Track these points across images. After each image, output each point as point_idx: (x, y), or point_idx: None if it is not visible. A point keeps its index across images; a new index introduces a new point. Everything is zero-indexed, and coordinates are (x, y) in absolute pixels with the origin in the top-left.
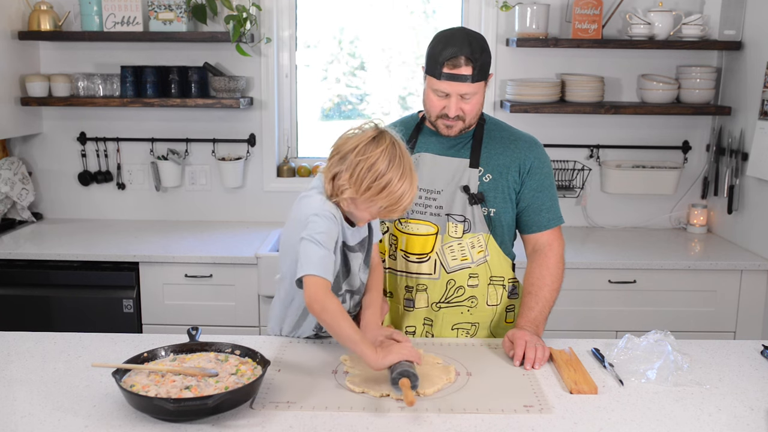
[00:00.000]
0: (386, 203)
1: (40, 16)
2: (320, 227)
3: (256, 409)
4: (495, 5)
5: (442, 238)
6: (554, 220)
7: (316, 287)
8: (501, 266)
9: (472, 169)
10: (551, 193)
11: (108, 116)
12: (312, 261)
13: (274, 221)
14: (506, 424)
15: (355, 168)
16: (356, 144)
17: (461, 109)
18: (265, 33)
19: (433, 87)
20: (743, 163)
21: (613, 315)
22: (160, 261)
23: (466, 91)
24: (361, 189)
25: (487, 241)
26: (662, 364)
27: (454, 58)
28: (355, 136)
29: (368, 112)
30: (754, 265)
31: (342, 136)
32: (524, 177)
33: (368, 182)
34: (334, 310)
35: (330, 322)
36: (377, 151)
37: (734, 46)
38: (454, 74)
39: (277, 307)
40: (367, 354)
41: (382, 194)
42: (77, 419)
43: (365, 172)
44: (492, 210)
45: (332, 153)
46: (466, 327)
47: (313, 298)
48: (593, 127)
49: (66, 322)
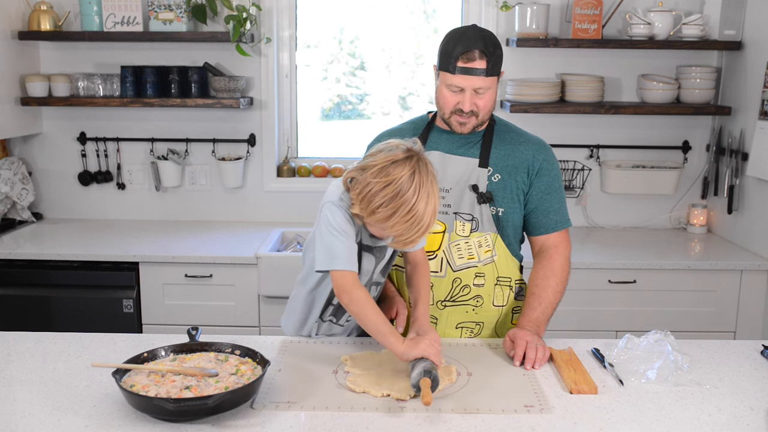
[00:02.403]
0: (392, 233)
1: (40, 16)
2: (339, 217)
3: (257, 409)
4: (495, 5)
5: (450, 236)
6: (562, 222)
7: (344, 279)
8: (508, 267)
9: (482, 169)
10: (559, 196)
11: (108, 116)
12: (336, 254)
13: (274, 221)
14: (506, 424)
15: (365, 187)
16: (377, 162)
17: (475, 104)
18: (265, 33)
19: (447, 82)
20: (743, 163)
21: (613, 315)
22: (160, 261)
23: (480, 85)
24: (370, 209)
25: (495, 240)
26: (662, 364)
27: (468, 52)
28: (383, 152)
29: (368, 112)
30: (754, 265)
31: (378, 146)
32: (533, 178)
33: (371, 208)
34: (362, 301)
35: (358, 312)
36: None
37: (734, 46)
38: (468, 68)
39: (300, 303)
40: (394, 344)
41: (388, 223)
42: (77, 419)
43: (375, 194)
44: (500, 209)
45: (363, 157)
46: (471, 326)
47: (341, 290)
48: (593, 127)
49: (66, 322)
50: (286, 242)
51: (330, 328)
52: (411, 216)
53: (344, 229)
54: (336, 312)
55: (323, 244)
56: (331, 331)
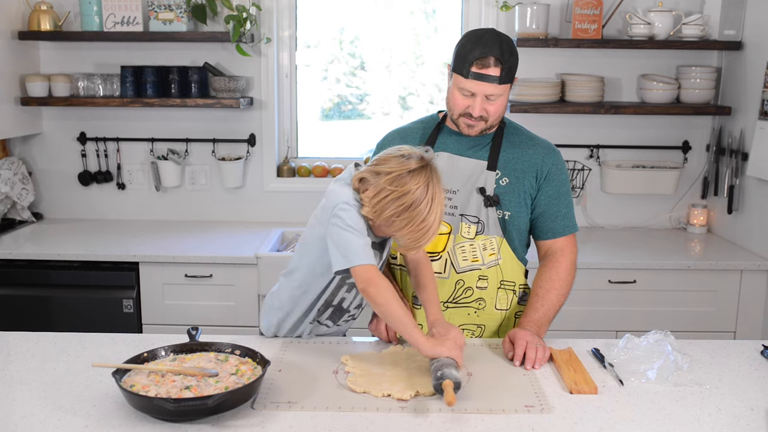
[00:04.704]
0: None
1: (40, 16)
2: (354, 216)
3: (257, 409)
4: (495, 5)
5: (455, 238)
6: (569, 227)
7: (368, 272)
8: (513, 271)
9: (490, 172)
10: (567, 201)
11: (108, 116)
12: (356, 251)
13: (274, 221)
14: (506, 424)
15: (378, 193)
16: (392, 169)
17: (485, 110)
18: (265, 33)
19: (460, 85)
20: (743, 163)
21: (613, 315)
22: (160, 261)
23: (492, 92)
24: (382, 216)
25: (500, 244)
26: (662, 364)
27: (483, 57)
28: (396, 159)
29: (368, 112)
30: (754, 265)
31: (390, 151)
32: (541, 183)
33: (384, 216)
34: (389, 293)
35: (384, 304)
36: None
37: (734, 46)
38: (481, 74)
39: (278, 304)
40: (419, 339)
41: (398, 232)
42: (77, 419)
43: (389, 203)
44: (507, 213)
45: (374, 160)
46: (472, 328)
47: (368, 283)
48: (593, 127)
49: (66, 322)
50: (286, 242)
51: (318, 329)
52: (422, 227)
53: (360, 227)
54: (334, 314)
55: (339, 244)
56: (320, 331)
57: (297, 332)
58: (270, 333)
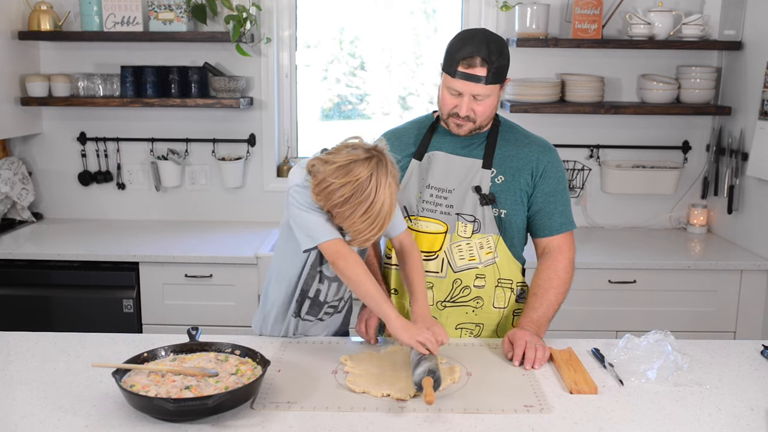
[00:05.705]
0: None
1: (40, 16)
2: (307, 196)
3: (256, 409)
4: (495, 5)
5: (451, 237)
6: (566, 225)
7: (335, 247)
8: (510, 269)
9: (485, 170)
10: (564, 198)
11: (108, 116)
12: (318, 229)
13: (274, 221)
14: (506, 424)
15: (323, 181)
16: (336, 160)
17: (472, 110)
18: (265, 33)
19: (448, 85)
20: (743, 163)
21: (613, 315)
22: (160, 261)
23: (478, 92)
24: (328, 204)
25: (497, 242)
26: (662, 364)
27: (469, 57)
28: (347, 149)
29: (368, 112)
30: (754, 265)
31: (344, 141)
32: (537, 180)
33: (330, 204)
34: (357, 265)
35: (353, 277)
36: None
37: (734, 46)
38: (468, 74)
39: (263, 299)
40: (389, 314)
41: (346, 221)
42: (77, 419)
43: (331, 192)
44: (503, 211)
45: (330, 149)
46: (470, 327)
47: (336, 257)
48: (593, 127)
49: (66, 322)
50: None
51: (306, 328)
52: (367, 217)
53: (315, 206)
54: (312, 307)
55: (300, 225)
56: (307, 331)
57: (283, 328)
58: (257, 329)
